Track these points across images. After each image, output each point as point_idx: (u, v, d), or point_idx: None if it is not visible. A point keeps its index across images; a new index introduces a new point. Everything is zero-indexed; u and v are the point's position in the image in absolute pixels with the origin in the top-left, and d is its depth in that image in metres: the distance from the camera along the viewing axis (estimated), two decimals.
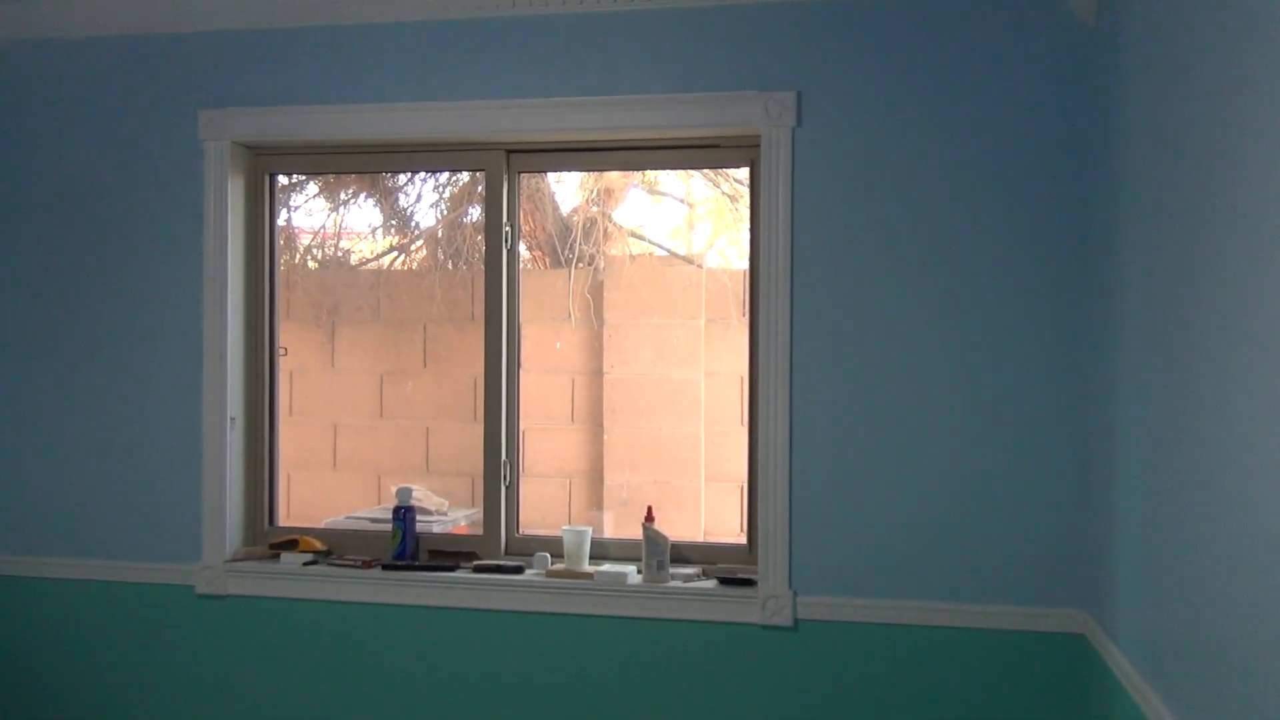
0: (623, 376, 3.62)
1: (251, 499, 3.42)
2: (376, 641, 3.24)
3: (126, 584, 3.39)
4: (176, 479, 3.34)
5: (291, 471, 3.68)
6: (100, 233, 3.40)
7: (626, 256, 3.71)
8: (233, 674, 3.33)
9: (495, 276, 3.29)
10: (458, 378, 3.67)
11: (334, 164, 3.48)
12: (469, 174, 3.59)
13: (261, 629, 3.30)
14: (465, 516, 3.58)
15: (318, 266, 3.98)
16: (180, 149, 3.33)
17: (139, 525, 3.37)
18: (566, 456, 3.66)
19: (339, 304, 3.85)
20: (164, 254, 3.35)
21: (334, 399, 3.80)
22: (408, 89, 3.20)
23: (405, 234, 3.90)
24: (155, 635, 3.38)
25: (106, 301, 3.39)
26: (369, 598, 3.23)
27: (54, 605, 3.44)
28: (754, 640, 3.03)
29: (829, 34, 2.98)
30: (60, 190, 3.42)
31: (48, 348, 3.44)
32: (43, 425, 3.45)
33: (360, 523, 3.53)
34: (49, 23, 3.38)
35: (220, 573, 3.30)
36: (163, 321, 3.35)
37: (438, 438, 3.73)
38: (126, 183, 3.38)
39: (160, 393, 3.36)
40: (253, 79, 3.29)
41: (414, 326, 3.77)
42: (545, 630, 3.13)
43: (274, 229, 3.47)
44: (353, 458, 3.81)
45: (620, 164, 3.38)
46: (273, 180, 3.46)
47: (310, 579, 3.26)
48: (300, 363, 3.76)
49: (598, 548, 3.24)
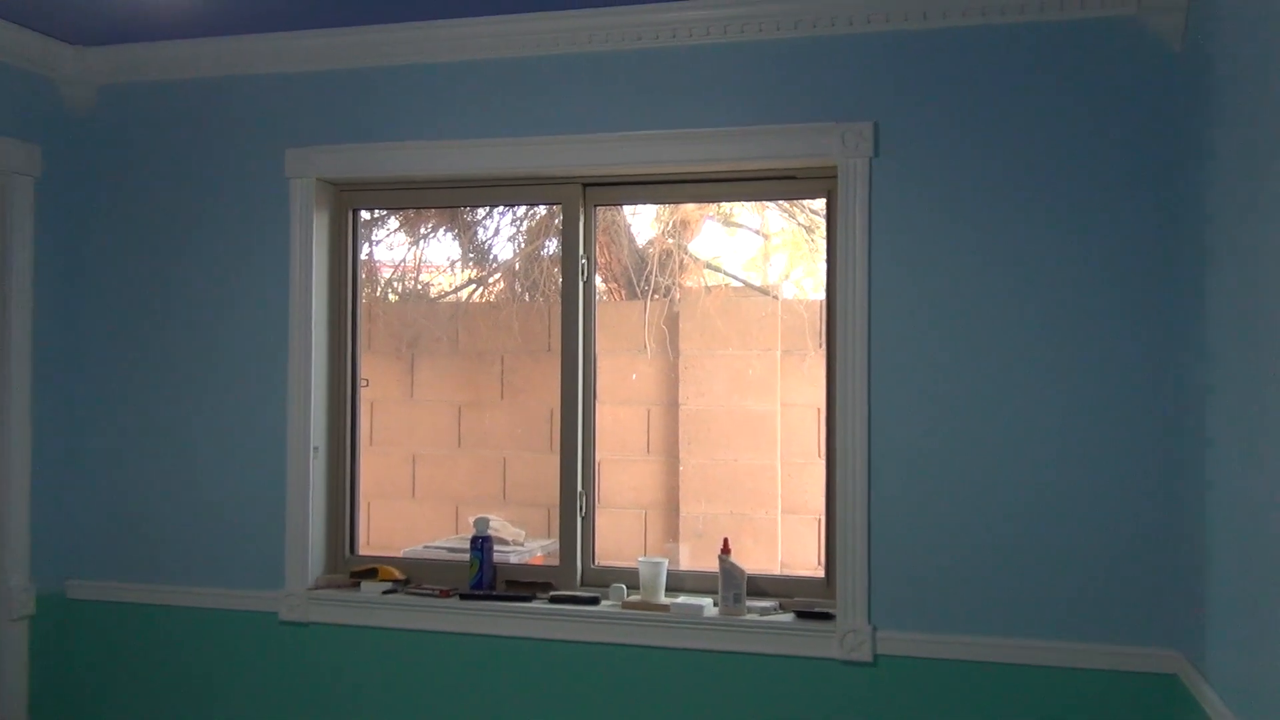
0: (698, 408, 3.61)
1: (333, 527, 3.48)
2: (453, 671, 3.26)
3: (212, 610, 3.46)
4: (261, 507, 3.41)
5: (371, 500, 3.73)
6: (191, 267, 3.50)
7: (702, 288, 3.71)
8: (312, 700, 3.37)
9: (571, 308, 3.32)
10: (534, 409, 3.70)
11: (414, 199, 3.55)
12: (546, 207, 3.63)
13: (341, 656, 3.35)
14: (541, 547, 3.59)
15: (398, 299, 4.05)
16: (267, 186, 3.43)
17: (225, 553, 3.45)
18: (642, 488, 3.66)
19: (418, 336, 3.91)
20: (252, 287, 3.44)
21: (413, 429, 3.86)
22: (486, 125, 3.26)
23: (483, 267, 3.96)
24: (239, 661, 3.44)
25: (197, 333, 3.49)
26: (446, 627, 3.25)
27: (141, 630, 3.53)
28: (832, 675, 2.98)
29: (906, 63, 2.97)
30: (154, 226, 3.54)
31: (141, 378, 3.55)
32: (135, 454, 3.55)
33: (438, 552, 3.57)
34: (144, 67, 3.51)
35: (302, 600, 3.36)
36: (250, 353, 3.44)
37: (514, 468, 3.76)
38: (216, 219, 3.48)
39: (247, 422, 3.44)
40: (336, 117, 3.38)
41: (491, 358, 3.81)
42: (621, 662, 3.13)
43: (357, 263, 3.54)
44: (431, 487, 3.86)
45: (696, 196, 3.39)
46: (356, 215, 3.54)
47: (389, 607, 3.30)
48: (381, 393, 3.82)
49: (673, 580, 3.23)
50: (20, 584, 3.42)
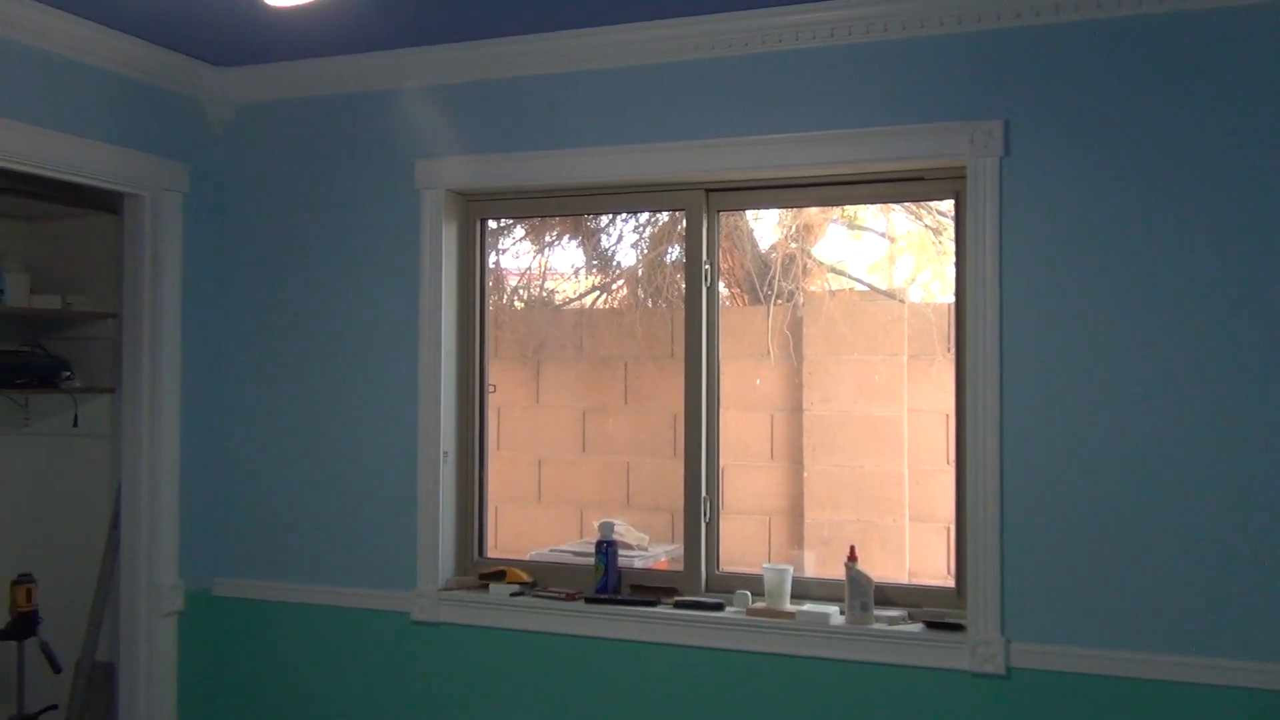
0: (823, 413, 3.57)
1: (463, 530, 3.56)
2: (578, 673, 3.29)
3: (348, 609, 3.57)
4: (394, 510, 3.51)
5: (499, 504, 3.80)
6: (326, 277, 3.63)
7: (826, 292, 3.67)
8: (442, 699, 3.45)
9: (695, 314, 3.32)
10: (658, 414, 3.71)
11: (540, 208, 3.60)
12: (669, 214, 3.65)
13: (470, 656, 3.42)
14: (665, 552, 3.60)
15: (524, 306, 4.12)
16: (399, 197, 3.52)
17: (360, 554, 3.56)
18: (766, 494, 3.64)
19: (544, 342, 3.97)
20: (384, 296, 3.54)
21: (539, 434, 3.91)
22: (609, 132, 3.28)
23: (607, 274, 3.99)
24: (373, 658, 3.54)
25: (332, 341, 3.61)
26: (573, 630, 3.29)
27: (281, 626, 3.66)
28: (963, 688, 2.91)
29: (1037, 60, 2.89)
30: (291, 237, 3.68)
31: (281, 385, 3.69)
32: (275, 459, 3.69)
33: (564, 555, 3.61)
34: (280, 85, 3.65)
35: (434, 601, 3.44)
36: (382, 360, 3.54)
37: (638, 473, 3.78)
38: (351, 230, 3.60)
39: (380, 427, 3.54)
40: (464, 129, 3.45)
41: (615, 364, 3.84)
42: (745, 669, 3.11)
43: (484, 271, 3.62)
44: (556, 492, 3.91)
45: (820, 200, 3.36)
46: (483, 225, 3.61)
47: (517, 609, 3.35)
48: (507, 399, 3.89)
49: (798, 587, 3.20)
50: (170, 582, 3.59)
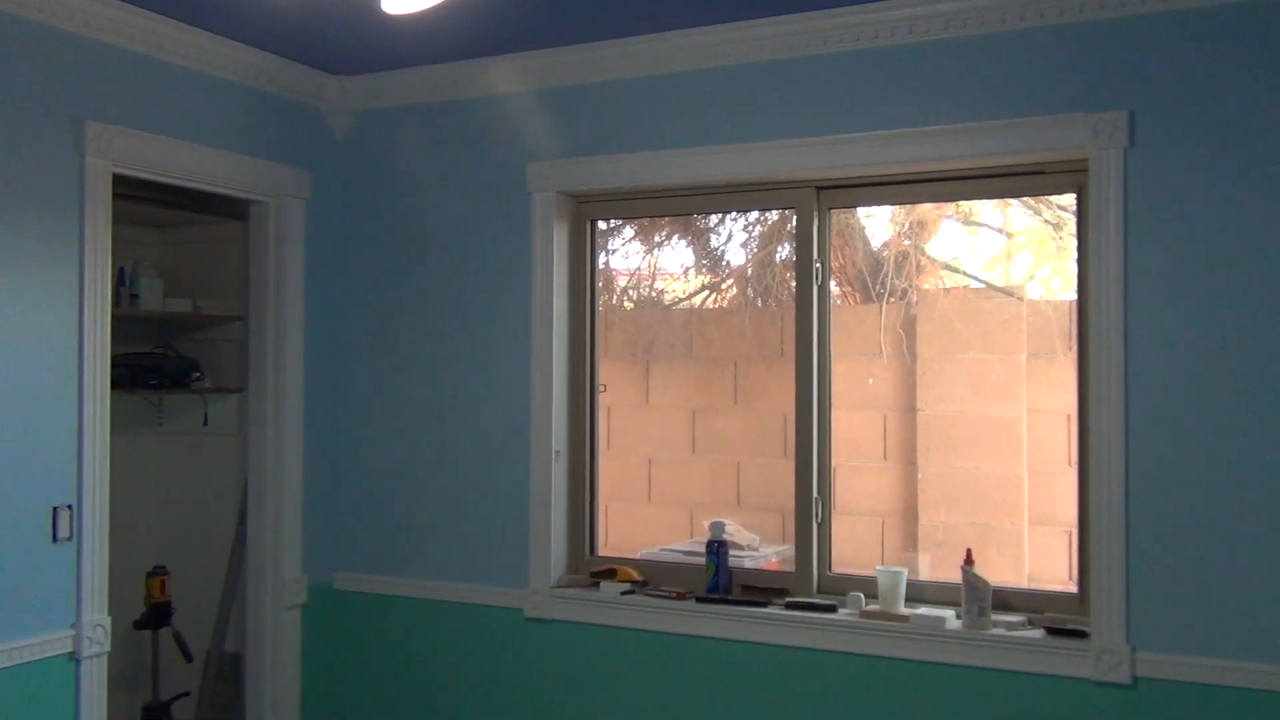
0: (937, 413, 3.51)
1: (574, 529, 3.59)
2: (689, 672, 3.29)
3: (463, 604, 3.64)
4: (508, 508, 3.56)
5: (609, 503, 3.83)
6: (439, 280, 3.70)
7: (940, 290, 3.61)
8: (554, 694, 3.49)
9: (806, 313, 3.30)
10: (768, 414, 3.69)
11: (649, 208, 3.61)
12: (779, 212, 3.63)
13: (582, 653, 3.45)
14: (776, 552, 3.58)
15: (633, 306, 4.14)
16: (511, 200, 3.58)
17: (475, 551, 3.62)
18: (879, 495, 3.59)
19: (653, 342, 3.98)
20: (496, 298, 3.60)
21: (648, 434, 3.93)
22: (719, 131, 3.28)
23: (716, 273, 3.99)
24: (487, 653, 3.60)
25: (447, 341, 3.69)
26: (683, 629, 3.30)
27: (399, 620, 3.75)
28: (1086, 697, 2.83)
29: (1162, 49, 2.78)
30: (407, 240, 3.77)
31: (398, 386, 3.78)
32: (393, 457, 3.78)
33: (674, 555, 3.62)
34: (397, 92, 3.74)
35: (546, 598, 3.48)
36: (495, 360, 3.60)
37: (748, 473, 3.76)
38: (464, 233, 3.67)
39: (493, 427, 3.60)
40: (575, 132, 3.49)
41: (725, 363, 3.84)
42: (857, 672, 3.07)
43: (595, 272, 3.65)
44: (666, 491, 3.92)
45: (935, 196, 3.30)
46: (593, 225, 3.64)
47: (628, 608, 3.37)
48: (617, 398, 3.92)
49: (913, 590, 3.15)
50: (294, 575, 3.71)
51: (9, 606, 2.83)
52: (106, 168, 3.07)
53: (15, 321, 2.85)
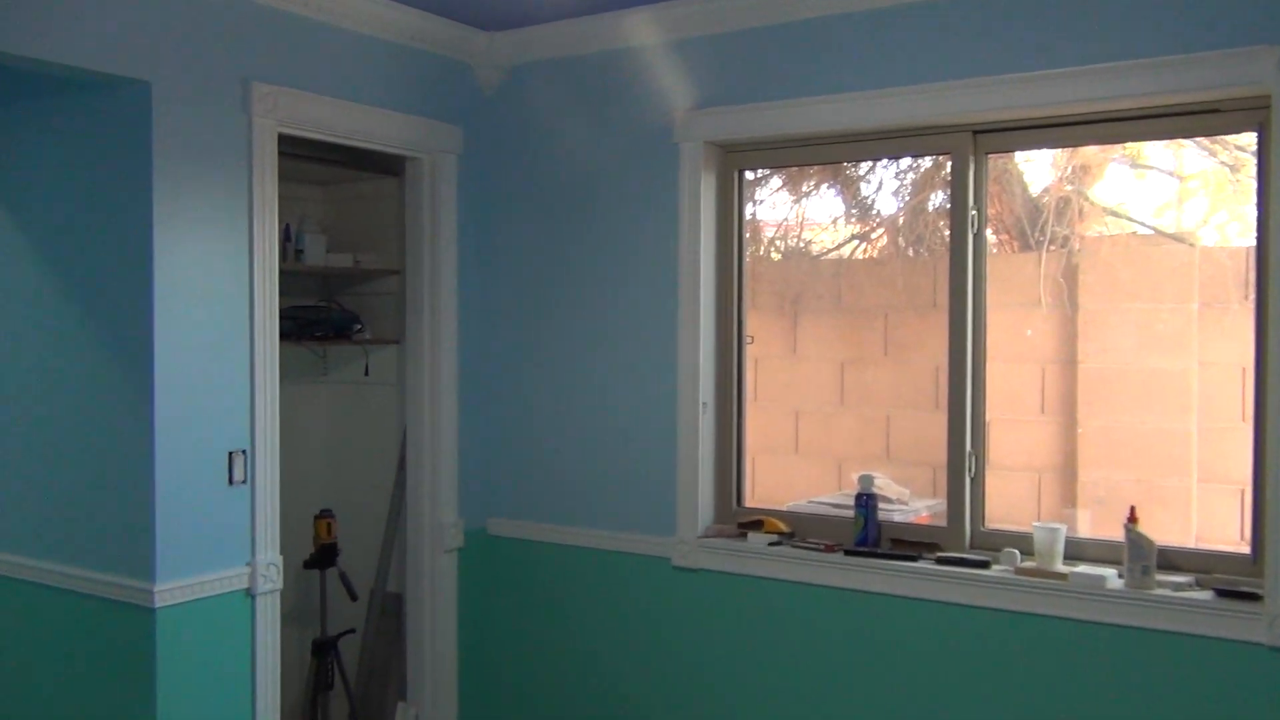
0: (1099, 366, 3.37)
1: (721, 480, 3.61)
2: (835, 625, 3.28)
3: (611, 552, 3.71)
4: (655, 459, 3.60)
5: (756, 455, 3.82)
6: (589, 231, 3.74)
7: (1103, 236, 3.45)
8: (700, 643, 3.53)
9: (960, 262, 3.20)
10: (919, 366, 3.62)
11: (798, 157, 3.55)
12: (933, 158, 3.52)
13: (728, 603, 3.47)
14: (927, 507, 3.52)
15: (781, 257, 4.10)
16: (658, 151, 3.57)
17: (623, 500, 3.68)
18: (1035, 450, 3.48)
19: (801, 293, 3.94)
20: (644, 249, 3.62)
21: (796, 386, 3.90)
22: (869, 76, 3.20)
23: (866, 222, 3.91)
24: (634, 601, 3.66)
25: (595, 293, 3.73)
26: (830, 581, 3.28)
27: (549, 566, 3.85)
28: (1257, 662, 2.70)
29: None
30: (555, 193, 3.81)
31: (547, 336, 3.85)
32: (543, 407, 3.86)
33: (822, 508, 3.60)
34: (545, 46, 3.77)
35: (694, 548, 3.51)
36: (643, 312, 3.62)
37: (898, 426, 3.70)
38: (611, 185, 3.69)
39: (640, 378, 3.63)
40: (722, 81, 3.45)
41: (874, 314, 3.77)
42: (1010, 629, 3.01)
43: (742, 222, 3.62)
44: (813, 444, 3.89)
45: (1099, 138, 3.14)
46: (741, 176, 3.61)
47: (776, 559, 3.37)
48: (764, 350, 3.89)
49: (1071, 547, 3.05)
50: (450, 520, 3.85)
51: (193, 545, 3.02)
52: (272, 127, 3.20)
53: (195, 277, 3.01)
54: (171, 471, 2.96)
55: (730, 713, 3.48)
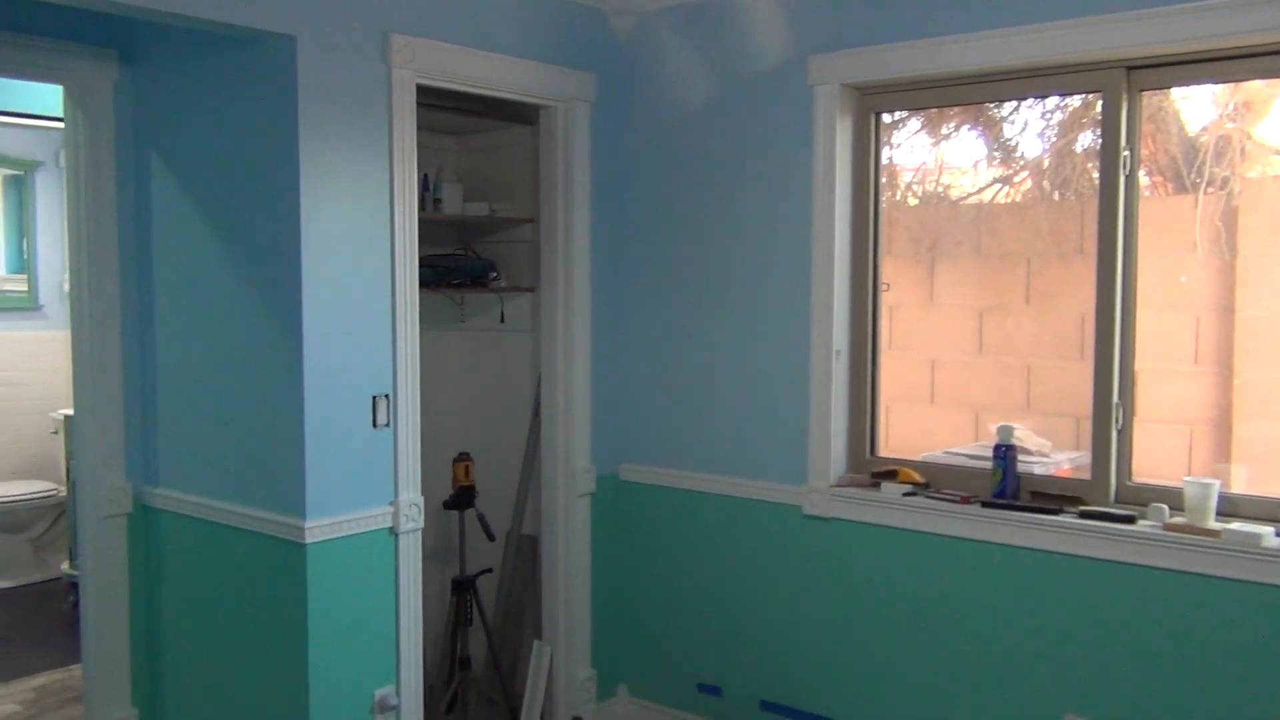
0: (1259, 314, 3.19)
1: (854, 429, 3.57)
2: (970, 577, 3.23)
3: (741, 499, 3.72)
4: (787, 406, 3.58)
5: (890, 404, 3.76)
6: (720, 177, 3.71)
7: (1267, 177, 3.25)
8: (830, 592, 3.52)
9: (1110, 206, 3.07)
10: (1063, 314, 3.49)
11: (938, 98, 3.45)
12: (1082, 97, 3.37)
13: (860, 553, 3.45)
14: (1069, 459, 3.42)
15: (918, 202, 3.99)
16: (792, 95, 3.51)
17: (754, 447, 3.68)
18: (1187, 401, 3.33)
19: (939, 239, 3.84)
20: (776, 195, 3.58)
21: (932, 334, 3.81)
22: (1014, 12, 3.06)
23: (1009, 165, 3.77)
24: (764, 548, 3.67)
25: (727, 239, 3.71)
26: (966, 533, 3.23)
27: (679, 511, 3.89)
28: None
29: None
30: (686, 140, 3.79)
31: (679, 283, 3.85)
32: (675, 354, 3.88)
33: (958, 458, 3.53)
34: None
35: (825, 496, 3.49)
36: (775, 258, 3.59)
37: (1040, 376, 3.59)
38: (743, 130, 3.65)
39: (773, 325, 3.61)
40: (858, 21, 3.36)
41: (1016, 261, 3.64)
42: (1156, 587, 2.91)
43: (879, 167, 3.54)
44: (950, 393, 3.81)
45: (1265, 72, 2.94)
46: (878, 119, 3.52)
47: (909, 510, 3.33)
48: (900, 298, 3.81)
49: (1224, 504, 2.93)
50: (583, 466, 3.91)
51: (341, 484, 3.15)
52: (411, 78, 3.26)
53: (339, 228, 3.11)
54: (319, 415, 3.09)
55: (858, 663, 3.47)
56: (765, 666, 3.70)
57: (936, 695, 3.32)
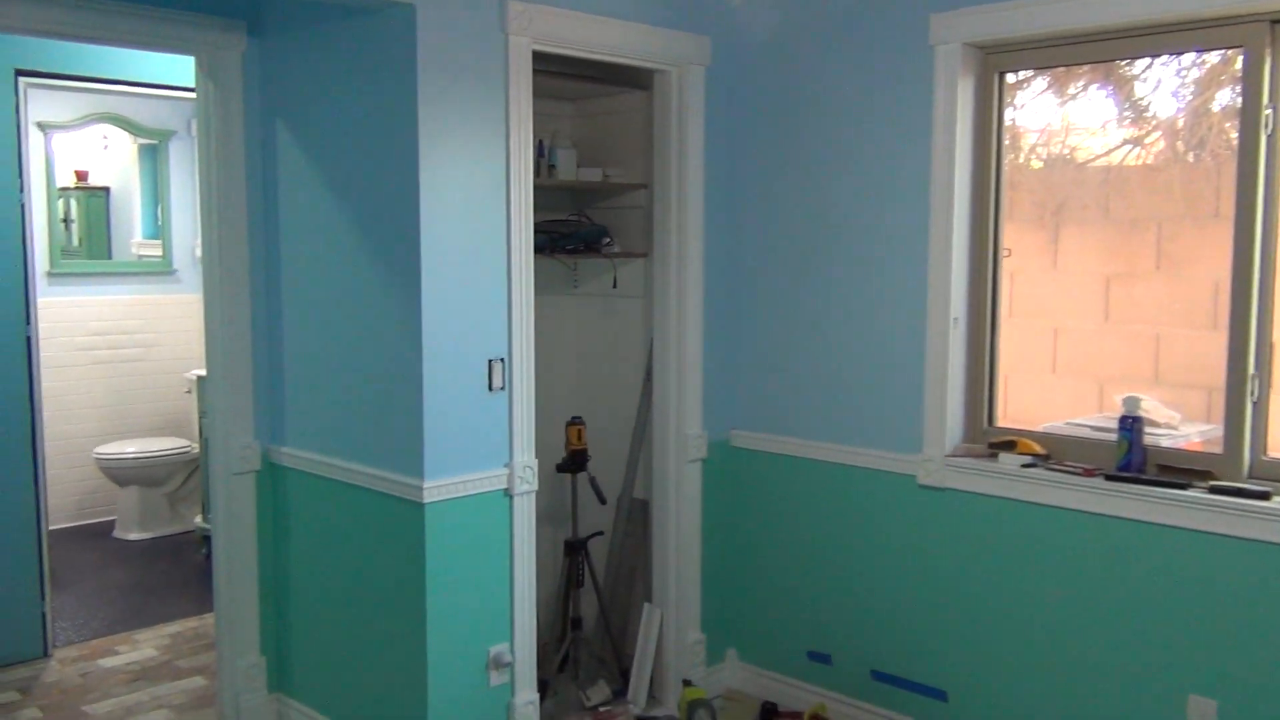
0: None
1: (971, 398, 3.50)
2: (1091, 552, 3.14)
3: (853, 467, 3.68)
4: (902, 375, 3.52)
5: (1009, 373, 3.67)
6: (834, 142, 3.65)
7: None
8: (944, 563, 3.47)
9: (1249, 167, 2.92)
10: (1196, 281, 3.35)
11: (1067, 56, 3.32)
12: (1221, 53, 3.21)
13: (976, 524, 3.39)
14: (1199, 432, 3.29)
15: (1042, 165, 3.86)
16: (910, 55, 3.43)
17: (868, 415, 3.63)
18: None
19: (1063, 203, 3.71)
20: (894, 159, 3.50)
21: (1055, 302, 3.70)
22: None
23: (1140, 125, 3.62)
24: (876, 517, 3.64)
25: (842, 204, 3.65)
26: (1087, 507, 3.14)
27: (790, 478, 3.87)
28: None
29: None
30: (802, 103, 3.73)
31: (789, 248, 3.81)
32: (788, 320, 3.85)
33: (1081, 430, 3.43)
34: None
35: (940, 466, 3.44)
36: (891, 223, 3.52)
37: (1169, 346, 3.45)
38: (859, 93, 3.58)
39: (888, 291, 3.55)
40: None
41: (1146, 225, 3.50)
42: None
43: (1001, 129, 3.44)
44: (1073, 363, 3.69)
45: None
46: (1002, 79, 3.41)
47: (1029, 481, 3.25)
48: (1021, 264, 3.71)
49: None
50: (694, 432, 3.92)
51: (458, 446, 3.22)
52: (527, 45, 3.28)
53: (457, 194, 3.16)
54: (437, 378, 3.15)
55: (972, 637, 3.42)
56: (876, 636, 3.67)
57: (1052, 674, 3.25)
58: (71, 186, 6.62)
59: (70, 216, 6.63)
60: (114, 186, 6.83)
